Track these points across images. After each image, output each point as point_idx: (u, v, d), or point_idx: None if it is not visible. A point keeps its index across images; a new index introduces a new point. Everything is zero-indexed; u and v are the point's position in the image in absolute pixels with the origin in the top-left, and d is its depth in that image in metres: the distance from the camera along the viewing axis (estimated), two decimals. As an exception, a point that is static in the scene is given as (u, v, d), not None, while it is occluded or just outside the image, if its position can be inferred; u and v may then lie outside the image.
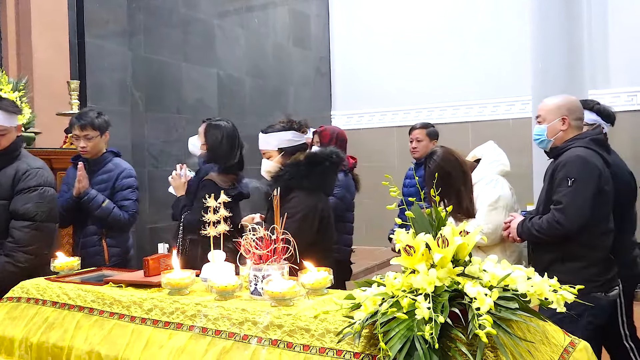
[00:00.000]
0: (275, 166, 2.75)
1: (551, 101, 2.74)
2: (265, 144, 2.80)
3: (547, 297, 1.45)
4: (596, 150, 2.59)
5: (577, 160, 2.52)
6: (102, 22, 5.06)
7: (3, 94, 3.43)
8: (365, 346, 1.51)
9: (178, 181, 3.29)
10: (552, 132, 2.68)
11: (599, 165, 2.53)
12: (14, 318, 2.21)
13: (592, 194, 2.48)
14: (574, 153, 2.55)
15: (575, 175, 2.48)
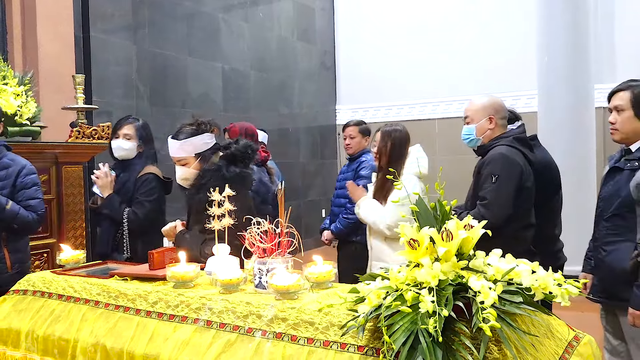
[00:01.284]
0: (193, 173, 2.64)
1: (478, 101, 2.85)
2: (181, 151, 2.64)
3: (552, 291, 1.45)
4: (519, 148, 2.71)
5: (501, 158, 2.64)
6: (107, 16, 5.06)
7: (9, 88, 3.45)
8: (369, 339, 1.51)
9: (105, 180, 3.18)
10: (480, 131, 2.81)
11: (521, 162, 2.66)
12: (20, 311, 2.22)
13: (514, 189, 2.60)
14: (498, 151, 2.67)
15: (498, 172, 2.61)
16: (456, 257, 1.49)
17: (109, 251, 3.15)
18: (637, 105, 2.43)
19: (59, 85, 4.32)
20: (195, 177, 2.63)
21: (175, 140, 2.67)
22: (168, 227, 2.77)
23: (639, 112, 2.43)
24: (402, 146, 3.16)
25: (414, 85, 7.61)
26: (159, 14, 5.60)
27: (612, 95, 2.55)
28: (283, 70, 7.42)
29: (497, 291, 1.39)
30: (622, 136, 2.50)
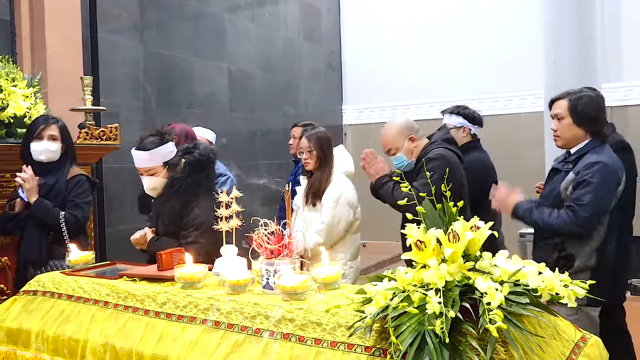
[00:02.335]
0: (162, 182, 2.71)
1: (391, 131, 3.05)
2: (150, 162, 2.70)
3: (558, 292, 1.46)
4: (449, 148, 2.94)
5: (437, 157, 2.85)
6: (114, 17, 5.09)
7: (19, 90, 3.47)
8: (377, 340, 1.52)
9: (32, 183, 3.03)
10: (408, 154, 3.01)
11: (455, 160, 2.90)
12: (30, 311, 2.25)
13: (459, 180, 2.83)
14: (435, 152, 2.89)
15: (436, 170, 2.76)
16: (463, 258, 1.50)
17: (44, 257, 3.02)
18: (574, 113, 2.55)
19: (67, 86, 4.34)
20: (164, 185, 2.71)
21: (143, 151, 2.71)
22: (138, 235, 2.81)
23: (576, 119, 2.55)
24: (329, 147, 3.24)
25: (421, 85, 7.60)
26: (165, 15, 5.62)
27: (552, 104, 2.67)
28: (289, 70, 7.43)
29: (503, 292, 1.39)
30: (564, 142, 2.63)
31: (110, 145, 3.98)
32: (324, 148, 3.21)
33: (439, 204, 1.53)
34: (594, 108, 2.58)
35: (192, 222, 2.66)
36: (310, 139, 3.20)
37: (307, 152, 3.20)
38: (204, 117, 5.98)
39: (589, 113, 2.56)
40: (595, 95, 2.61)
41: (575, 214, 2.44)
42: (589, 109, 2.56)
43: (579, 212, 2.43)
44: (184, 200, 2.67)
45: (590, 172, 2.45)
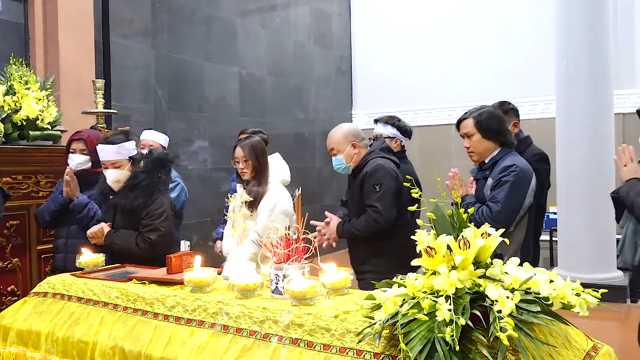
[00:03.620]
0: (126, 175, 2.93)
1: (337, 134, 3.16)
2: (118, 155, 2.91)
3: (570, 300, 1.44)
4: (387, 157, 3.08)
5: (379, 169, 2.98)
6: (126, 22, 5.13)
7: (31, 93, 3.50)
8: (386, 347, 1.51)
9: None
10: (348, 158, 3.12)
11: (394, 168, 3.04)
12: (40, 313, 2.26)
13: (394, 192, 2.97)
14: (375, 163, 3.02)
15: (380, 181, 2.95)
16: (473, 265, 1.49)
17: None
18: (481, 129, 2.80)
19: (79, 89, 4.38)
20: (127, 178, 2.93)
21: (111, 144, 2.93)
22: (96, 229, 2.95)
23: (484, 134, 2.80)
24: (264, 156, 3.30)
25: (430, 91, 7.59)
26: (177, 19, 5.65)
27: (459, 125, 2.92)
28: (299, 75, 7.45)
29: (514, 300, 1.38)
30: (478, 156, 2.87)
31: (121, 148, 4.00)
32: (259, 157, 3.26)
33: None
34: (497, 121, 2.84)
35: (153, 212, 2.88)
36: (244, 148, 3.26)
37: (242, 161, 3.25)
38: (214, 120, 6.00)
39: (493, 126, 2.81)
40: (494, 110, 2.91)
41: (490, 209, 2.69)
42: (493, 123, 2.82)
43: (493, 207, 2.68)
44: (147, 193, 2.89)
45: (506, 173, 2.71)
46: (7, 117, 3.45)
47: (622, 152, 2.62)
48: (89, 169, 3.27)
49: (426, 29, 7.72)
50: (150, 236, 2.85)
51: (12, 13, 4.41)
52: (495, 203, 2.68)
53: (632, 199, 2.46)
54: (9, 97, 3.46)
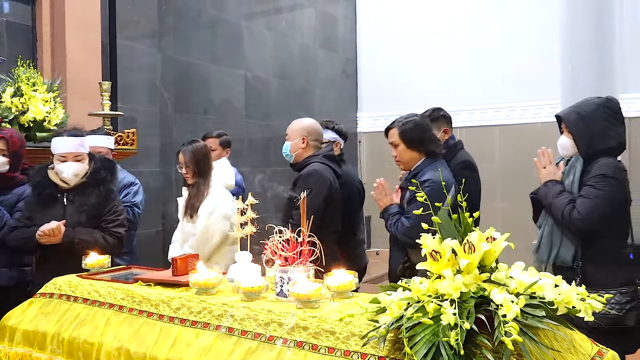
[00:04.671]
0: (85, 169, 2.94)
1: (296, 124, 3.23)
2: (81, 147, 2.93)
3: (575, 305, 1.44)
4: (328, 165, 3.12)
5: (313, 173, 3.02)
6: (133, 24, 5.15)
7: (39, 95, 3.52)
8: (390, 350, 1.52)
9: None
10: (294, 148, 3.17)
11: (330, 177, 3.06)
12: (46, 313, 2.27)
13: (323, 200, 2.98)
14: (311, 168, 3.06)
15: (310, 186, 2.93)
16: (478, 269, 1.49)
17: None
18: (405, 139, 2.87)
19: (85, 91, 4.40)
20: (86, 172, 2.93)
21: (75, 137, 2.94)
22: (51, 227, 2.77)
23: (408, 144, 2.88)
24: (205, 161, 3.37)
25: (436, 94, 7.57)
26: (183, 22, 5.67)
27: (387, 133, 2.99)
28: (305, 77, 7.46)
29: (519, 305, 1.38)
30: (404, 165, 2.95)
31: (127, 150, 4.03)
32: (199, 162, 3.33)
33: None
34: (421, 131, 2.90)
35: (116, 208, 2.97)
36: (185, 154, 3.34)
37: (185, 166, 3.33)
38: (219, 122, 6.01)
39: (417, 136, 2.88)
40: (420, 119, 2.96)
41: (402, 224, 2.80)
42: (417, 133, 2.88)
43: (404, 222, 2.79)
44: (108, 189, 2.95)
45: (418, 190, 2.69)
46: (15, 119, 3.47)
47: (542, 155, 2.74)
48: (3, 173, 3.02)
49: (431, 33, 7.71)
50: (119, 231, 2.91)
51: (20, 15, 4.44)
52: (407, 219, 2.78)
53: (550, 200, 2.60)
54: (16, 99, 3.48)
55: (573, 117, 2.67)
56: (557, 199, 2.58)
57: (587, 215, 2.49)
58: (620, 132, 2.65)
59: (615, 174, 2.53)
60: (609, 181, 2.51)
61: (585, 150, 2.61)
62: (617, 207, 2.57)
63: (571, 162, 2.73)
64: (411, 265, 2.81)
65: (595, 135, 2.59)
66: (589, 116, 2.62)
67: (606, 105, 2.65)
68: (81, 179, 2.91)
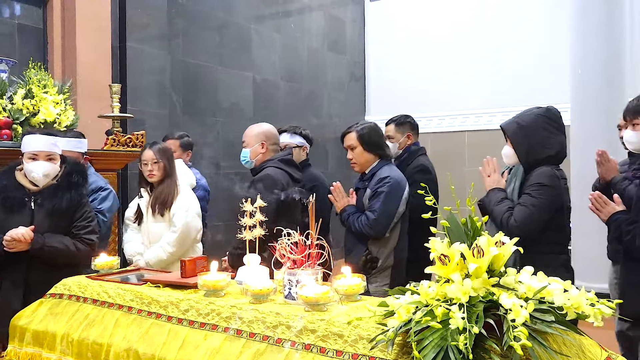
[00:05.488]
0: (56, 170, 2.79)
1: (254, 129, 3.29)
2: (54, 147, 2.78)
3: (584, 310, 1.44)
4: (284, 169, 3.17)
5: (265, 178, 3.07)
6: (142, 27, 5.18)
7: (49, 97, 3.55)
8: (398, 354, 1.52)
9: None
10: (254, 154, 3.23)
11: (283, 181, 3.11)
12: (56, 314, 2.29)
13: (275, 203, 2.98)
14: (265, 172, 3.12)
15: (261, 191, 2.94)
16: (487, 273, 1.49)
17: None
18: (362, 142, 3.05)
19: (95, 93, 4.43)
20: (57, 175, 2.77)
21: (49, 135, 2.80)
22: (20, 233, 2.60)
23: (365, 146, 3.06)
24: (173, 159, 3.39)
25: (444, 97, 7.58)
26: (192, 25, 5.70)
27: (343, 137, 3.15)
28: (313, 80, 7.47)
29: (528, 309, 1.38)
30: (360, 167, 3.12)
31: (136, 152, 4.05)
32: (169, 160, 3.33)
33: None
34: (377, 135, 3.12)
35: (88, 214, 2.83)
36: (155, 150, 3.31)
37: (152, 163, 3.28)
38: (227, 125, 6.03)
39: (374, 139, 3.09)
40: (375, 125, 3.16)
41: (368, 217, 2.96)
42: (374, 137, 3.09)
43: (370, 216, 2.96)
44: (80, 194, 2.80)
45: (381, 185, 2.98)
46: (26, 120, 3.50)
47: (487, 164, 2.83)
48: None
49: (440, 36, 7.71)
50: (91, 237, 2.78)
51: (31, 18, 4.48)
52: (372, 212, 2.96)
53: (491, 207, 2.71)
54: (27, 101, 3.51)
55: (513, 127, 2.76)
56: (498, 206, 2.67)
57: (522, 223, 2.57)
58: (560, 141, 2.73)
59: (551, 182, 2.61)
60: (545, 189, 2.59)
61: (525, 159, 2.70)
62: (553, 215, 2.63)
63: (513, 170, 2.84)
64: (372, 258, 3.01)
65: (534, 145, 2.67)
66: (528, 126, 2.71)
67: (545, 115, 2.74)
68: (51, 181, 2.74)
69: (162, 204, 3.27)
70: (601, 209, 2.64)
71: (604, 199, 2.64)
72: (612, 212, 2.60)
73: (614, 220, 2.57)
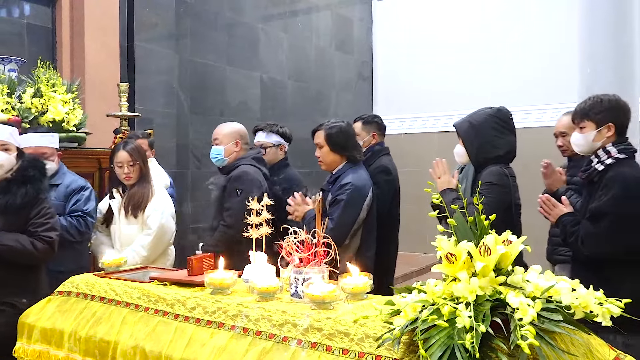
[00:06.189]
0: (12, 161, 2.65)
1: (227, 128, 3.32)
2: (10, 137, 2.68)
3: (592, 309, 1.42)
4: (257, 166, 3.23)
5: (244, 175, 3.12)
6: (151, 26, 5.20)
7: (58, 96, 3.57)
8: (405, 352, 1.51)
9: None
10: (227, 152, 3.27)
11: (260, 178, 3.17)
12: (64, 311, 2.30)
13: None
14: (242, 170, 3.15)
15: (242, 187, 3.09)
16: (494, 272, 1.48)
17: None
18: (330, 141, 3.03)
19: (103, 93, 4.45)
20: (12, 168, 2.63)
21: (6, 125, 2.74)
22: None
23: (332, 147, 3.03)
24: (147, 161, 3.28)
25: (451, 97, 7.55)
26: (200, 24, 5.72)
27: (314, 134, 3.14)
28: (320, 80, 7.47)
29: (536, 308, 1.37)
30: (326, 166, 3.11)
31: (144, 151, 4.05)
32: (144, 160, 3.22)
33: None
34: (345, 136, 3.06)
35: (47, 210, 2.66)
36: (131, 151, 3.15)
37: (127, 165, 3.13)
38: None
39: (341, 141, 3.04)
40: (345, 125, 3.11)
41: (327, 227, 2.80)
42: (341, 138, 3.04)
43: (329, 224, 2.80)
44: (37, 189, 2.63)
45: (341, 192, 2.93)
46: (34, 119, 3.52)
47: (437, 166, 2.85)
48: None
49: (447, 35, 7.69)
50: (50, 235, 2.60)
51: (40, 18, 4.51)
52: (330, 220, 2.86)
53: None
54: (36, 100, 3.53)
55: (465, 126, 2.82)
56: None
57: None
58: (510, 141, 2.79)
59: (500, 181, 2.65)
60: (494, 188, 2.63)
61: (475, 157, 2.77)
62: (503, 213, 2.61)
63: (465, 169, 2.94)
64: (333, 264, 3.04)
65: (484, 144, 2.74)
66: (478, 126, 2.77)
67: (496, 115, 2.80)
68: (5, 174, 2.59)
69: (136, 206, 3.15)
70: (549, 211, 2.65)
71: (552, 202, 2.65)
72: (559, 214, 2.61)
73: (562, 222, 2.58)
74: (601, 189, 2.42)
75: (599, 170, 2.46)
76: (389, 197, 3.41)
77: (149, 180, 3.22)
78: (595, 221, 2.40)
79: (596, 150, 2.51)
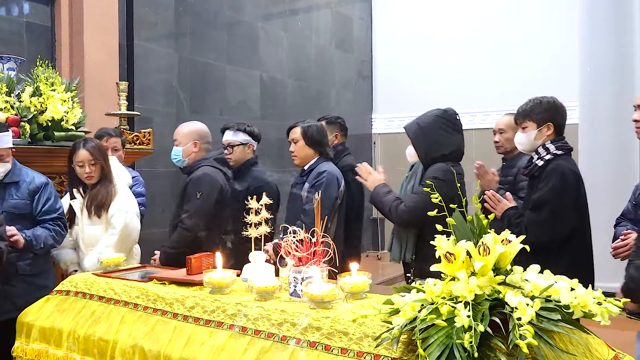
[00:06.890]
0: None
1: (186, 128, 3.33)
2: None
3: (591, 309, 1.42)
4: (219, 168, 3.24)
5: (203, 177, 3.13)
6: (150, 25, 5.20)
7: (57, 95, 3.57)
8: (404, 352, 1.51)
9: None
10: (186, 153, 3.26)
11: (220, 180, 3.18)
12: (63, 310, 2.30)
13: (214, 202, 3.12)
14: (202, 171, 3.16)
15: (202, 189, 3.11)
16: (493, 271, 1.48)
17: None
18: (305, 137, 3.22)
19: (103, 91, 4.45)
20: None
21: None
22: None
23: (307, 141, 3.23)
24: (108, 160, 3.21)
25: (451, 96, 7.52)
26: (200, 23, 5.71)
27: (289, 131, 3.29)
28: (320, 78, 7.47)
29: (534, 308, 1.37)
30: (299, 160, 3.28)
31: (143, 150, 4.06)
32: (105, 159, 3.14)
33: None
34: (319, 133, 3.28)
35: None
36: (92, 150, 3.08)
37: (89, 164, 3.05)
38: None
39: (316, 137, 3.25)
40: (320, 125, 3.37)
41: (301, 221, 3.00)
42: (316, 134, 3.25)
43: (306, 209, 3.08)
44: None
45: (319, 179, 3.13)
46: (33, 118, 3.51)
47: (360, 170, 3.08)
48: None
49: (447, 34, 7.68)
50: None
51: (39, 16, 4.50)
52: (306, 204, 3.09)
53: (380, 198, 2.92)
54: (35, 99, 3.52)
55: (414, 128, 3.00)
56: (386, 197, 2.89)
57: (413, 208, 2.77)
58: (456, 141, 2.95)
59: (444, 177, 2.76)
60: (438, 182, 2.69)
61: (424, 157, 2.93)
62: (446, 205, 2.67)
63: (414, 168, 3.15)
64: None
65: (432, 144, 2.90)
66: (426, 127, 2.95)
67: (442, 116, 2.99)
68: None
69: (99, 206, 3.07)
70: (495, 206, 2.76)
71: (497, 197, 2.78)
72: (504, 208, 2.74)
73: (506, 216, 2.71)
74: (541, 181, 2.63)
75: (539, 165, 2.67)
76: (357, 195, 3.58)
77: (111, 179, 3.14)
78: (537, 210, 2.61)
79: (537, 148, 2.71)
